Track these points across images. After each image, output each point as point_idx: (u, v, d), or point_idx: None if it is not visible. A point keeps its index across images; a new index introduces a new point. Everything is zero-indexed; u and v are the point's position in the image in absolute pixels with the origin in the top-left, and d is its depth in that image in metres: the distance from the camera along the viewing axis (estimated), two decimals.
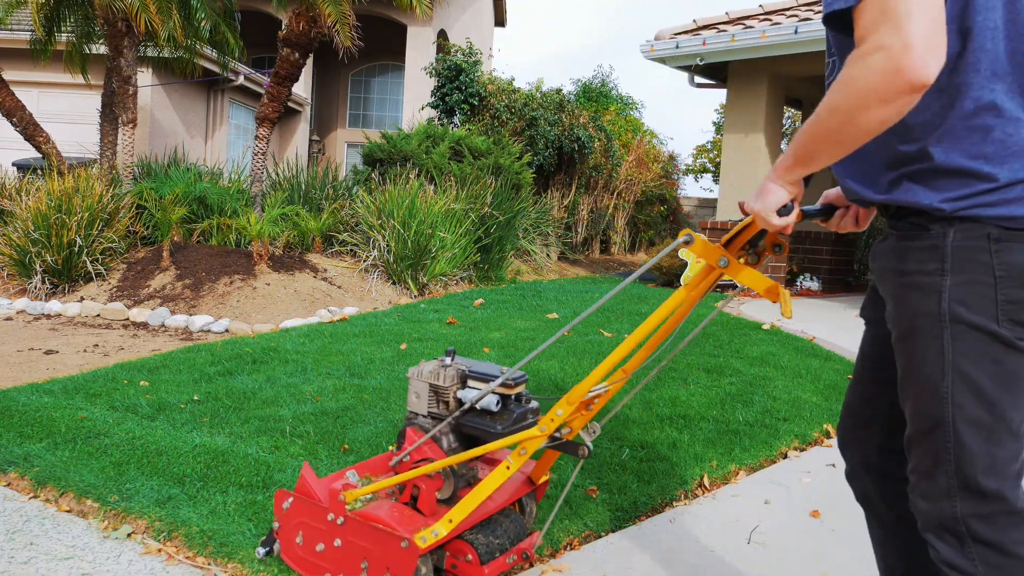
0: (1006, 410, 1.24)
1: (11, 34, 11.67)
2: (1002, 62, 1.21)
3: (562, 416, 1.78)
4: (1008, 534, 1.24)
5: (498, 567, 1.93)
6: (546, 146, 10.88)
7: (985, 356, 1.23)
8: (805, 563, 2.24)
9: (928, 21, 1.09)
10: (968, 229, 1.22)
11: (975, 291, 1.22)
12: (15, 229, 6.29)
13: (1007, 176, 1.20)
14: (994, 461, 1.24)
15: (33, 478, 2.56)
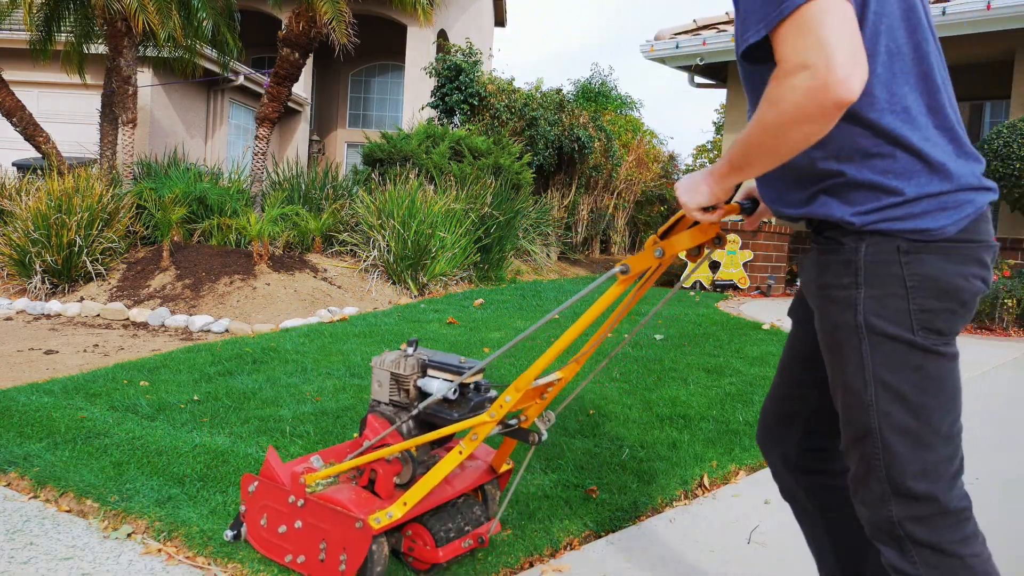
0: (932, 415, 1.27)
1: (11, 34, 11.67)
2: None
3: (510, 403, 1.82)
4: (944, 535, 1.28)
5: (453, 550, 1.99)
6: (546, 146, 10.88)
7: (905, 364, 1.27)
8: (805, 563, 2.24)
9: (849, 40, 1.13)
10: (879, 243, 1.26)
11: (889, 303, 1.26)
12: (15, 229, 6.29)
13: (913, 191, 1.25)
14: (924, 466, 1.28)
15: (33, 478, 2.56)
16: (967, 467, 3.10)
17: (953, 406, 1.30)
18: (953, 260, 1.26)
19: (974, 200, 1.27)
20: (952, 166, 1.27)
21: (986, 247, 1.30)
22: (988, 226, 1.31)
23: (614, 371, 4.21)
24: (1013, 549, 2.38)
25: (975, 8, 7.01)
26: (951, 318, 1.26)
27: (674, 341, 5.11)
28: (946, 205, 1.26)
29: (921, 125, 1.27)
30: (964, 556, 1.28)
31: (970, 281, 1.27)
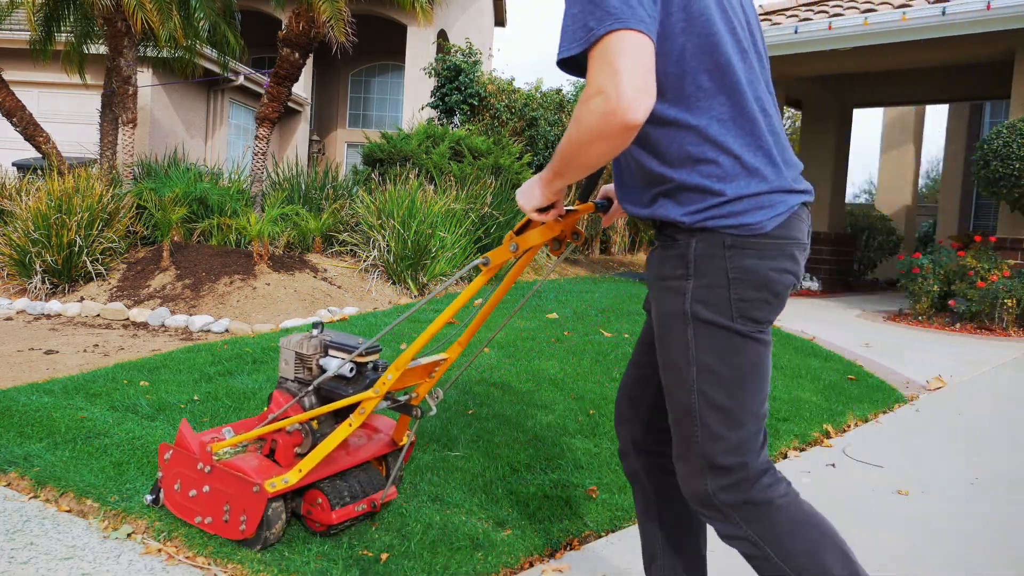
0: (746, 396, 1.43)
1: (11, 34, 11.67)
2: None
3: (391, 380, 2.03)
4: (751, 492, 1.44)
5: (346, 513, 2.17)
6: (546, 146, 10.88)
7: (724, 349, 1.41)
8: None
9: (640, 69, 1.27)
10: (707, 238, 1.41)
11: (713, 292, 1.41)
12: (15, 229, 6.29)
13: (734, 192, 1.40)
14: (736, 442, 1.43)
15: (33, 478, 2.56)
16: (967, 467, 3.10)
17: (763, 387, 1.46)
18: (768, 255, 1.41)
19: (787, 200, 1.44)
20: (766, 171, 1.43)
21: (797, 244, 1.46)
22: (802, 225, 1.48)
23: (614, 371, 4.21)
24: (1013, 549, 2.38)
25: (975, 8, 7.00)
26: (765, 307, 1.42)
27: None
28: (763, 204, 1.41)
29: (740, 135, 1.42)
30: (773, 500, 1.43)
31: (782, 275, 1.44)
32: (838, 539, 1.46)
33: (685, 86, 1.40)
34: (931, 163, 25.34)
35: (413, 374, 2.15)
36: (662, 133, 1.42)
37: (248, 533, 2.10)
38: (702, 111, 1.40)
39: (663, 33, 1.37)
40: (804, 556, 1.42)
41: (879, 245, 11.50)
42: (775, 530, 1.43)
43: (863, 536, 2.43)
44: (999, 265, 6.89)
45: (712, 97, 1.41)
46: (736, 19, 1.48)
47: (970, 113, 12.49)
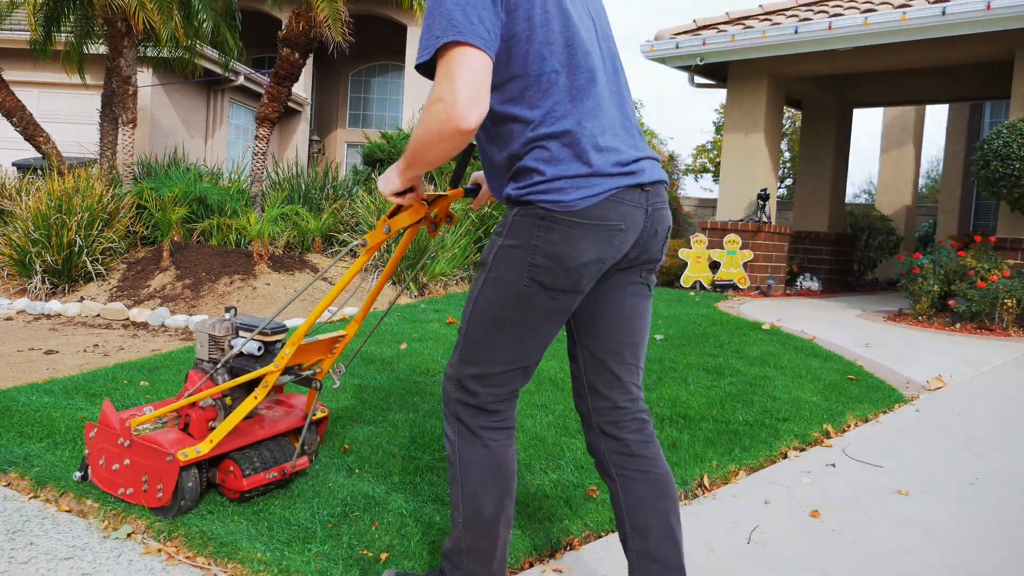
0: (505, 343, 1.68)
1: (11, 34, 11.66)
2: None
3: (288, 355, 2.26)
4: (475, 421, 1.72)
5: (257, 480, 2.35)
6: None
7: (502, 300, 1.65)
8: (805, 563, 2.24)
9: (472, 80, 1.49)
10: (526, 209, 1.62)
11: (513, 254, 1.63)
12: (15, 229, 6.29)
13: (554, 172, 1.59)
14: (482, 373, 1.70)
15: (33, 478, 2.56)
16: (967, 467, 3.10)
17: (526, 344, 1.68)
18: (574, 233, 1.59)
19: (604, 184, 1.60)
20: (592, 157, 1.60)
21: (609, 228, 1.62)
22: (624, 209, 1.63)
23: None
24: (1013, 549, 2.38)
25: (975, 8, 7.00)
26: (554, 277, 1.61)
27: (674, 341, 5.11)
28: (579, 185, 1.59)
29: (571, 127, 1.60)
30: (484, 438, 1.72)
31: (580, 253, 1.60)
32: (505, 488, 1.73)
33: (527, 87, 1.60)
34: (931, 163, 25.35)
35: (315, 350, 2.38)
36: (506, 129, 1.64)
37: (164, 501, 2.27)
38: (542, 108, 1.60)
39: (509, 40, 1.58)
40: (471, 484, 1.72)
41: (879, 245, 11.50)
42: (470, 457, 1.72)
43: (863, 536, 2.43)
44: (999, 265, 6.89)
45: (550, 95, 1.60)
46: (582, 24, 1.67)
47: (970, 113, 12.48)
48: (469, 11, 1.51)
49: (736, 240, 8.81)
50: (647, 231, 1.69)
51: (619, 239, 1.64)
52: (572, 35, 1.63)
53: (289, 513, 2.36)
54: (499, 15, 1.55)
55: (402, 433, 3.08)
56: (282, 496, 2.47)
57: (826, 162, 10.63)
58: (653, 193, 1.69)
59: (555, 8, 1.62)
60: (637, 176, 1.65)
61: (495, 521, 1.73)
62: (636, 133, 1.74)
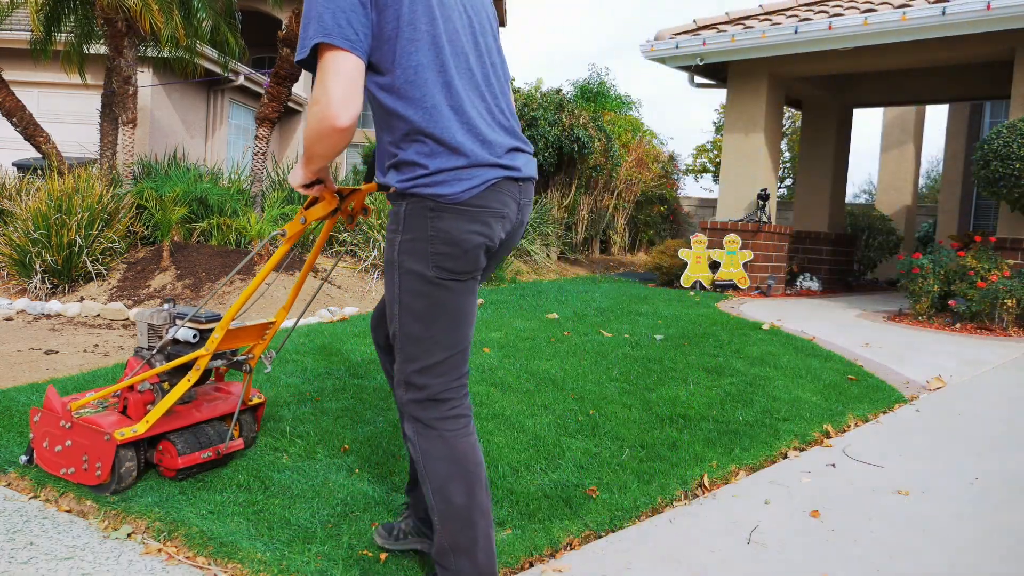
0: (437, 330, 1.78)
1: (11, 34, 11.66)
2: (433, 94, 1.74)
3: (217, 339, 2.45)
4: (428, 413, 1.79)
5: (191, 459, 2.49)
6: (546, 146, 10.88)
7: (420, 291, 1.76)
8: (805, 563, 2.24)
9: (343, 82, 1.62)
10: (414, 202, 1.73)
11: (415, 246, 1.74)
12: (15, 229, 6.29)
13: (435, 166, 1.71)
14: (425, 365, 1.78)
15: (33, 478, 2.56)
16: (967, 467, 3.10)
17: (456, 326, 1.80)
18: (463, 219, 1.72)
19: (484, 175, 1.74)
20: (468, 149, 1.73)
21: (492, 213, 1.76)
22: (503, 197, 1.78)
23: (614, 371, 4.21)
24: (1013, 548, 2.38)
25: (975, 8, 7.00)
26: (456, 260, 1.74)
27: (674, 341, 5.11)
28: (460, 177, 1.72)
29: (445, 119, 1.72)
30: (439, 430, 1.79)
31: (472, 236, 1.74)
32: (471, 477, 1.79)
33: (403, 82, 1.72)
34: (931, 163, 25.33)
35: (245, 335, 2.61)
36: (388, 120, 1.76)
37: (103, 479, 2.40)
38: (416, 102, 1.71)
39: (382, 38, 1.70)
40: (438, 479, 1.78)
41: (879, 245, 11.50)
42: (430, 450, 1.79)
43: (864, 536, 2.43)
44: (999, 265, 6.89)
45: (424, 90, 1.72)
46: (459, 22, 1.81)
47: (970, 113, 12.48)
48: (338, 14, 1.63)
49: (736, 240, 8.81)
50: (517, 221, 1.87)
51: (500, 224, 1.80)
52: (441, 32, 1.75)
53: (289, 513, 2.36)
54: (369, 15, 1.67)
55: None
56: (282, 496, 2.47)
57: (826, 162, 10.63)
58: (524, 188, 1.86)
59: (423, 7, 1.72)
60: (512, 171, 1.80)
61: (468, 510, 1.77)
62: (512, 125, 1.87)
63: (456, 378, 1.82)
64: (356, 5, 1.65)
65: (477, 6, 1.90)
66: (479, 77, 1.82)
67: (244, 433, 2.81)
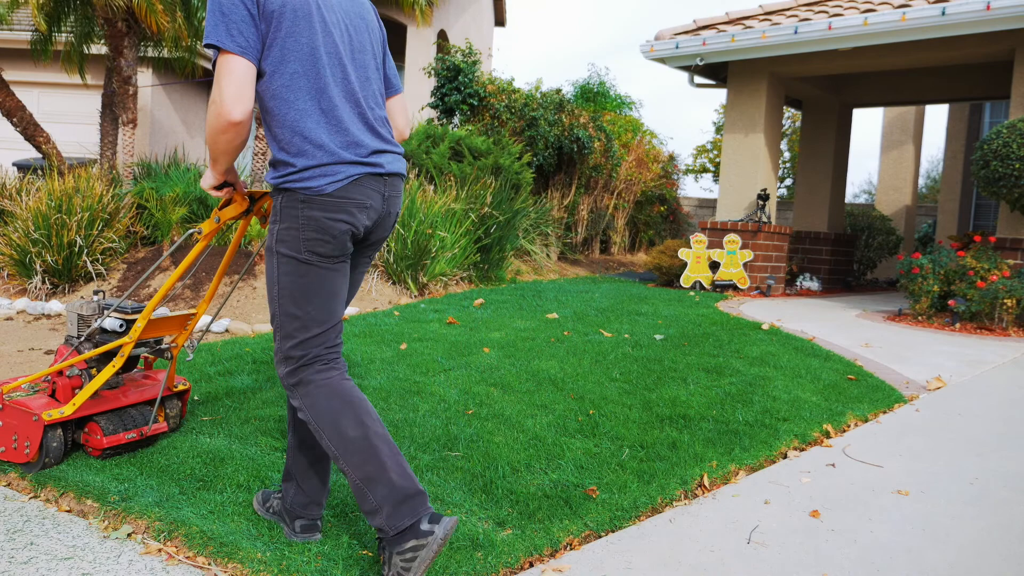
0: (311, 308, 2.01)
1: (11, 34, 11.66)
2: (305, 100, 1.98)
3: (140, 328, 2.62)
4: (303, 374, 2.02)
5: (116, 440, 2.67)
6: (546, 146, 10.88)
7: (295, 274, 2.00)
8: (805, 563, 2.24)
9: (235, 83, 1.88)
10: (288, 196, 1.98)
11: (289, 234, 1.99)
12: (15, 229, 6.29)
13: (302, 163, 1.96)
14: (301, 340, 2.02)
15: (33, 478, 2.56)
16: (967, 467, 3.10)
17: (327, 303, 2.03)
18: (329, 210, 1.97)
19: (346, 171, 1.98)
20: (333, 148, 1.97)
21: (355, 204, 2.01)
22: (367, 190, 2.03)
23: (614, 371, 4.21)
24: (1013, 549, 2.38)
25: (975, 8, 7.00)
26: (325, 245, 1.99)
27: (674, 341, 5.11)
28: (325, 173, 1.96)
29: (313, 122, 1.97)
30: (315, 381, 2.01)
31: (338, 223, 1.99)
32: (359, 409, 1.98)
33: (280, 87, 1.96)
34: (931, 163, 25.33)
35: (168, 325, 2.79)
36: (268, 121, 2.00)
37: (31, 457, 2.58)
38: (290, 105, 1.96)
39: (270, 46, 1.93)
40: (327, 418, 1.97)
41: (879, 245, 11.50)
42: (315, 402, 1.99)
43: (864, 536, 2.43)
44: (999, 265, 6.89)
45: (299, 95, 1.96)
46: (340, 39, 2.05)
47: (970, 113, 12.48)
48: (231, 24, 1.88)
49: (736, 240, 8.81)
50: (383, 212, 2.11)
51: (365, 213, 2.04)
52: (320, 46, 1.99)
53: None
54: (258, 26, 1.92)
55: (402, 433, 3.08)
56: None
57: (826, 162, 10.64)
58: (390, 183, 2.11)
59: (305, 23, 1.96)
60: (376, 167, 2.05)
61: (364, 439, 1.94)
62: (379, 129, 2.11)
63: (329, 347, 2.05)
64: (247, 18, 1.90)
65: (360, 26, 2.15)
66: (355, 86, 2.07)
67: (169, 418, 2.99)
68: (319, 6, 2.01)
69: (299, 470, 2.22)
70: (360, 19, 2.17)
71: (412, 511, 1.88)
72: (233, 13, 1.88)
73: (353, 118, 2.04)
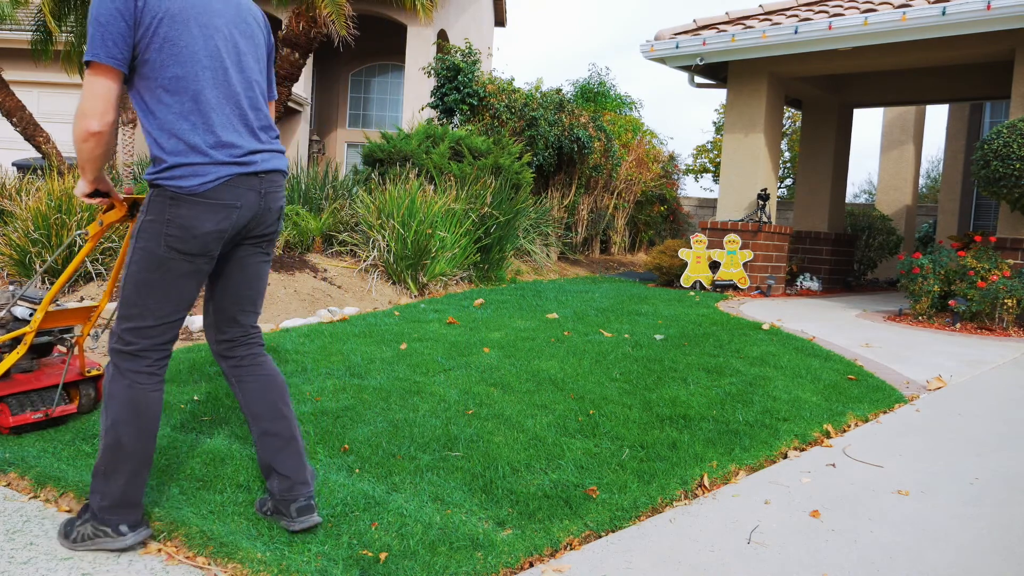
0: (155, 300, 2.11)
1: (12, 34, 11.66)
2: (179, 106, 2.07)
3: (39, 319, 2.84)
4: (127, 363, 2.13)
5: (23, 419, 2.87)
6: (546, 146, 10.88)
7: (147, 265, 2.08)
8: (805, 563, 2.24)
9: (99, 94, 1.99)
10: (158, 191, 2.07)
11: (153, 227, 2.07)
12: (15, 229, 6.29)
13: (172, 161, 2.05)
14: (135, 327, 2.12)
15: (33, 478, 2.56)
16: (967, 467, 3.10)
17: (169, 301, 2.12)
18: (198, 209, 2.06)
19: (216, 172, 2.07)
20: (204, 148, 2.06)
21: (223, 205, 2.08)
22: (238, 191, 2.11)
23: (614, 371, 4.21)
24: (1013, 548, 2.38)
25: (975, 8, 7.00)
26: (185, 243, 2.07)
27: (674, 341, 5.11)
28: (196, 173, 2.05)
29: (188, 123, 2.06)
30: (129, 379, 2.13)
31: (204, 224, 2.07)
32: (146, 427, 2.14)
33: (158, 88, 2.05)
34: (931, 163, 25.32)
35: (72, 316, 3.00)
36: (146, 121, 2.09)
37: None
38: (166, 106, 2.05)
39: (147, 53, 2.02)
40: (111, 416, 2.12)
41: (879, 245, 11.50)
42: (113, 391, 2.12)
43: (864, 536, 2.43)
44: (999, 265, 6.88)
45: (173, 97, 2.05)
46: (223, 44, 2.13)
47: (970, 113, 12.48)
48: (104, 34, 1.97)
49: (736, 240, 8.81)
50: (261, 209, 2.19)
51: (236, 214, 2.11)
52: (199, 50, 2.08)
53: None
54: (132, 35, 2.00)
55: (402, 433, 3.08)
56: None
57: (826, 162, 10.63)
58: (267, 180, 2.19)
59: (183, 26, 2.05)
60: (251, 166, 2.13)
61: (131, 453, 2.12)
62: (258, 130, 2.20)
63: (160, 344, 2.16)
64: (121, 24, 1.98)
65: (245, 31, 2.23)
66: (238, 89, 2.16)
67: (83, 400, 3.17)
68: (200, 11, 2.10)
69: (270, 455, 2.28)
70: (245, 24, 2.24)
71: (123, 516, 2.14)
72: (110, 24, 1.97)
73: (232, 120, 2.13)
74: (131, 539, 2.13)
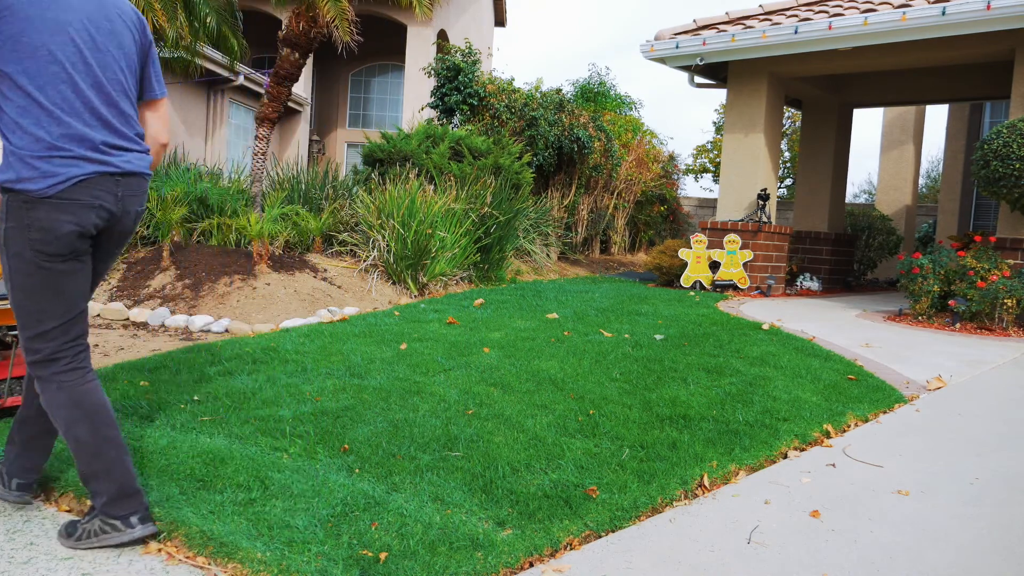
0: (44, 304, 2.13)
1: None
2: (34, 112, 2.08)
3: None
4: (44, 370, 2.16)
5: None
6: (546, 146, 10.88)
7: (25, 271, 2.10)
8: (805, 563, 2.24)
9: None
10: (14, 196, 2.07)
11: (17, 232, 2.08)
12: None
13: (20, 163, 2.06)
14: (39, 333, 2.14)
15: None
16: (967, 467, 3.11)
17: (60, 300, 2.14)
18: (54, 210, 2.07)
19: (70, 172, 2.08)
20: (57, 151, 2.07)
21: (80, 204, 2.10)
22: (95, 191, 2.12)
23: (614, 371, 4.21)
24: (1013, 548, 2.38)
25: (975, 8, 7.00)
26: (50, 245, 2.08)
27: (674, 341, 5.11)
28: (46, 174, 2.06)
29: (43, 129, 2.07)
30: (56, 382, 2.16)
31: (63, 224, 2.08)
32: (94, 417, 2.16)
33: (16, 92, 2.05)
34: (931, 163, 25.34)
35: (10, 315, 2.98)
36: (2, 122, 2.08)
37: None
38: (22, 110, 2.05)
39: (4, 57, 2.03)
40: (64, 423, 2.16)
41: (879, 245, 11.50)
42: (52, 400, 2.15)
43: (864, 536, 2.43)
44: (999, 265, 6.89)
45: (23, 98, 2.06)
46: (85, 46, 2.13)
47: (970, 113, 12.48)
48: None
49: (736, 240, 8.81)
50: (119, 210, 2.20)
51: (95, 213, 2.13)
52: (57, 52, 2.08)
53: (289, 513, 2.36)
54: None
55: (402, 433, 3.08)
56: (282, 496, 2.47)
57: (826, 162, 10.63)
58: (124, 182, 2.19)
59: (27, 23, 2.05)
60: (107, 167, 2.14)
61: (95, 445, 2.15)
62: (122, 128, 2.21)
63: (68, 342, 2.17)
64: None
65: (105, 28, 2.21)
66: (94, 86, 2.15)
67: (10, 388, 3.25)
68: (48, 7, 2.08)
69: (23, 440, 2.37)
70: (106, 20, 2.22)
71: (128, 506, 2.16)
72: None
73: (86, 117, 2.12)
74: (140, 531, 2.15)
